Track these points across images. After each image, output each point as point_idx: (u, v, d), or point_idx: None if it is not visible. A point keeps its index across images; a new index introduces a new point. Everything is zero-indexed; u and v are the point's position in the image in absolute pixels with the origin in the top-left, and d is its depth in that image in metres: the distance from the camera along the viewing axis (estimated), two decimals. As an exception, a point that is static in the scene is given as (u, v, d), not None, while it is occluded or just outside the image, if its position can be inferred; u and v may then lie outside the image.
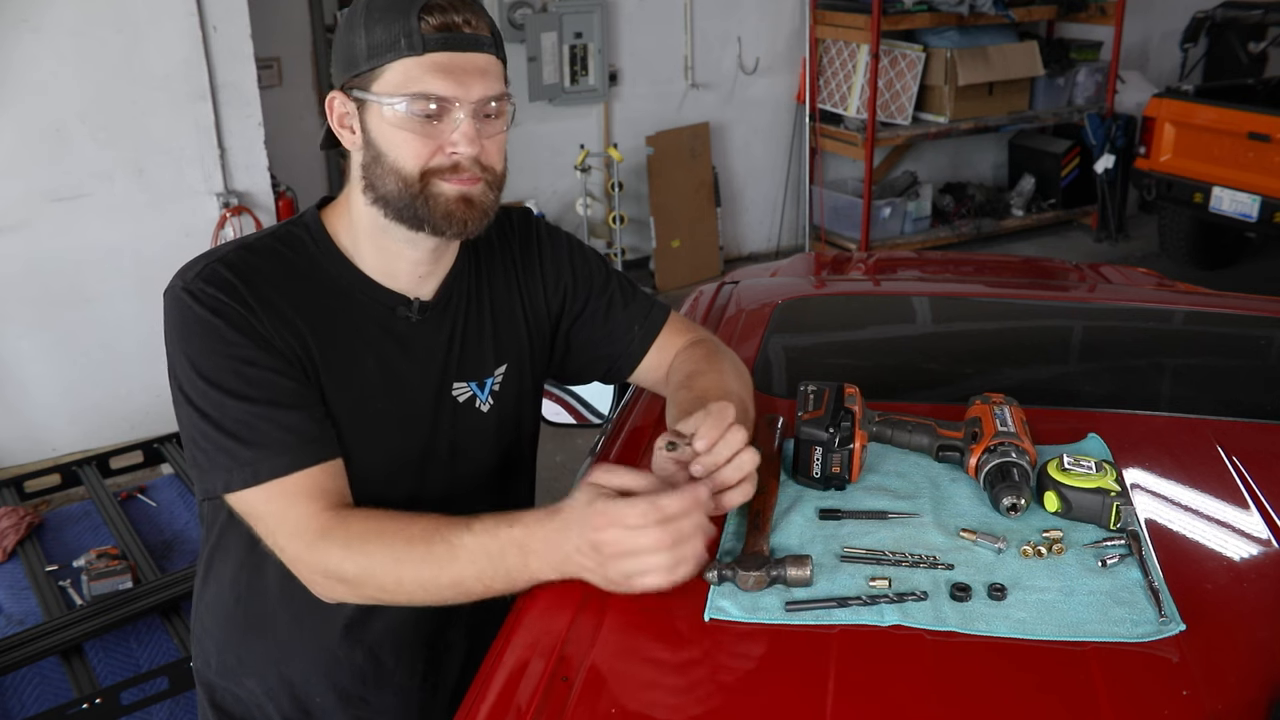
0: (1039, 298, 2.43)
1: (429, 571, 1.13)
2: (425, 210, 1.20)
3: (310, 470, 1.19)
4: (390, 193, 1.21)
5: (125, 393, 3.98)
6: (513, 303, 1.40)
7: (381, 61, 1.17)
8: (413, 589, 1.15)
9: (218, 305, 1.18)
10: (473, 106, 1.18)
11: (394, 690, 1.41)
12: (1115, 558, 1.17)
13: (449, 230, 1.22)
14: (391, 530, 1.15)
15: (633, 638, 1.11)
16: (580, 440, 2.17)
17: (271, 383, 1.19)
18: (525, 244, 1.42)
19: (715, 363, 1.41)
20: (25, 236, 3.75)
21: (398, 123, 1.18)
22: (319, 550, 1.16)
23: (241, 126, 4.02)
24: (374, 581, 1.16)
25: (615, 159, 5.57)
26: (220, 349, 1.18)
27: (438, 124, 1.18)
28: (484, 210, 1.23)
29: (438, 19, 1.16)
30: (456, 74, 1.17)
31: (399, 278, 1.29)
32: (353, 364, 1.27)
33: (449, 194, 1.20)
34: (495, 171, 1.23)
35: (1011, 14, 6.09)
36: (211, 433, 1.18)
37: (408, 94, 1.16)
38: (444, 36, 1.16)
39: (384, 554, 1.14)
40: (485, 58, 1.19)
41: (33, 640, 2.26)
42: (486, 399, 1.37)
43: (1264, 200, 5.37)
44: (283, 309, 1.22)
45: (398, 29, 1.16)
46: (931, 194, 6.62)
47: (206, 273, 1.21)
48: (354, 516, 1.18)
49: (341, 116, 1.24)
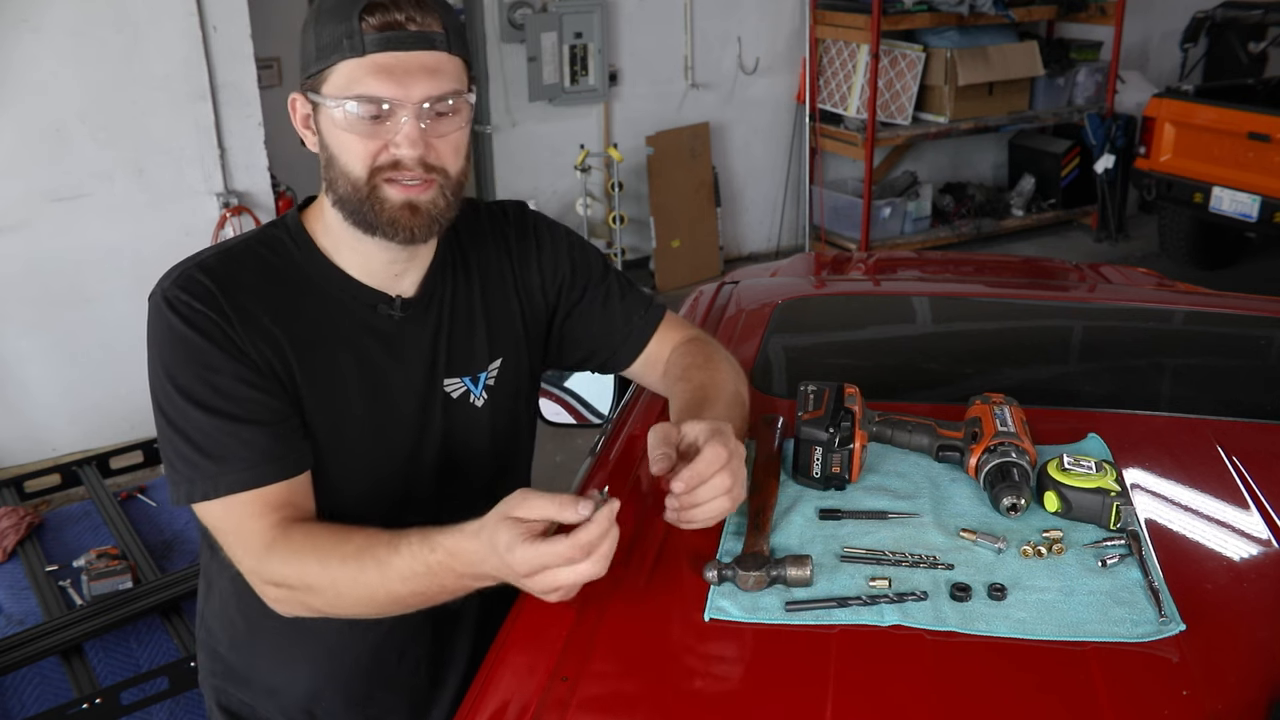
0: (1039, 298, 2.42)
1: (364, 589, 1.12)
2: (372, 214, 1.20)
3: (270, 487, 1.19)
4: (344, 194, 1.20)
5: (125, 393, 3.97)
6: (507, 295, 1.39)
7: (328, 63, 1.16)
8: (352, 604, 1.15)
9: (192, 314, 1.18)
10: (415, 106, 1.16)
11: (398, 689, 1.41)
12: (1115, 558, 1.17)
13: (396, 236, 1.21)
14: (327, 546, 1.14)
15: (633, 638, 1.11)
16: (580, 440, 2.17)
17: (240, 396, 1.18)
18: (521, 235, 1.41)
19: (712, 358, 1.42)
20: (25, 236, 3.75)
21: (343, 124, 1.17)
22: (266, 564, 1.17)
23: (241, 126, 4.02)
24: (317, 595, 1.16)
25: (615, 159, 5.57)
26: (192, 359, 1.18)
27: (381, 125, 1.16)
28: (432, 217, 1.21)
29: (379, 18, 1.14)
30: (398, 75, 1.15)
31: (377, 275, 1.28)
32: (334, 367, 1.26)
33: (394, 200, 1.19)
34: (448, 173, 1.21)
35: (1011, 14, 6.09)
36: (179, 443, 1.19)
37: (350, 95, 1.15)
38: (385, 36, 1.14)
39: (319, 570, 1.14)
40: (434, 55, 1.17)
41: (33, 640, 2.26)
42: (480, 394, 1.36)
43: (1264, 200, 5.37)
44: (259, 317, 1.21)
45: (341, 30, 1.15)
46: (931, 194, 6.62)
47: (183, 280, 1.20)
48: (296, 532, 1.17)
49: (304, 118, 1.24)
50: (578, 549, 1.01)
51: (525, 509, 1.04)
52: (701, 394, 1.34)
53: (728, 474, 1.13)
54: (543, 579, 1.04)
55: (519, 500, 1.04)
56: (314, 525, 1.19)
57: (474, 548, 1.07)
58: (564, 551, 1.02)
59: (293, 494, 1.20)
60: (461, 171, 1.24)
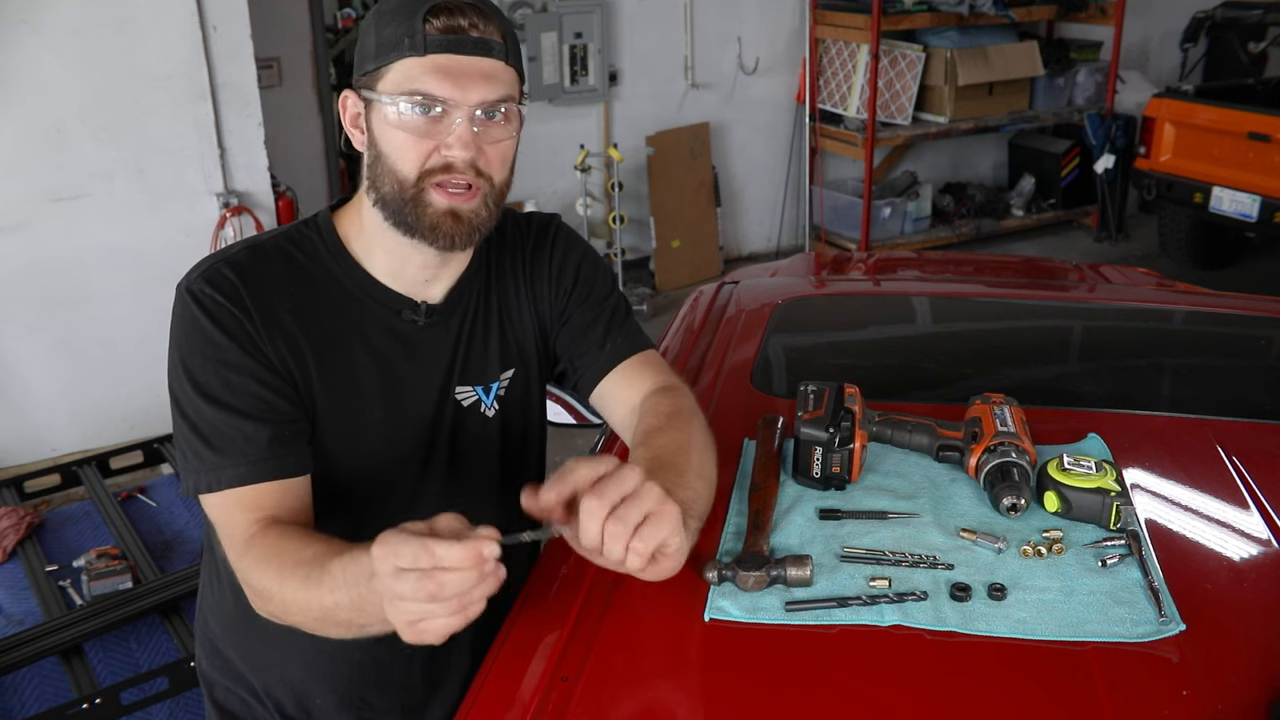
0: (1039, 298, 2.43)
1: (305, 596, 1.07)
2: (414, 217, 1.20)
3: (264, 486, 1.18)
4: (388, 194, 1.21)
5: (125, 393, 3.98)
6: (521, 307, 1.39)
7: (386, 61, 1.17)
8: (297, 614, 1.10)
9: (214, 307, 1.19)
10: (470, 109, 1.17)
11: (394, 690, 1.41)
12: (1115, 558, 1.17)
13: (435, 242, 1.21)
14: (289, 551, 1.12)
15: (633, 638, 1.11)
16: (580, 440, 2.17)
17: (250, 393, 1.19)
18: (538, 247, 1.40)
19: (681, 421, 1.28)
20: (25, 236, 3.75)
21: (397, 123, 1.18)
22: (240, 563, 1.17)
23: (241, 126, 4.02)
24: (270, 601, 1.13)
25: (615, 159, 5.57)
26: (208, 352, 1.18)
27: (435, 125, 1.17)
28: (474, 226, 1.21)
29: (443, 21, 1.16)
30: (455, 76, 1.16)
31: (407, 280, 1.29)
32: (353, 370, 1.26)
33: (438, 206, 1.19)
34: (494, 181, 1.21)
35: (1011, 14, 6.08)
36: (189, 434, 1.19)
37: (406, 93, 1.16)
38: (447, 38, 1.16)
39: (275, 576, 1.11)
40: (491, 62, 1.18)
41: (33, 640, 2.26)
42: (492, 404, 1.36)
43: (1264, 200, 5.37)
44: (281, 316, 1.22)
45: (403, 29, 1.16)
46: (931, 194, 6.61)
47: (210, 273, 1.21)
48: (271, 534, 1.15)
49: (354, 116, 1.24)
50: (426, 553, 0.92)
51: (415, 524, 0.97)
52: (658, 463, 1.18)
53: (593, 497, 1.01)
54: (388, 588, 0.94)
55: (445, 520, 0.98)
56: (288, 529, 1.16)
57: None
58: (413, 549, 0.92)
59: (286, 497, 1.20)
60: (505, 182, 1.24)
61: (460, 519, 0.98)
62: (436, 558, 0.92)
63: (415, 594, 0.92)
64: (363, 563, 0.99)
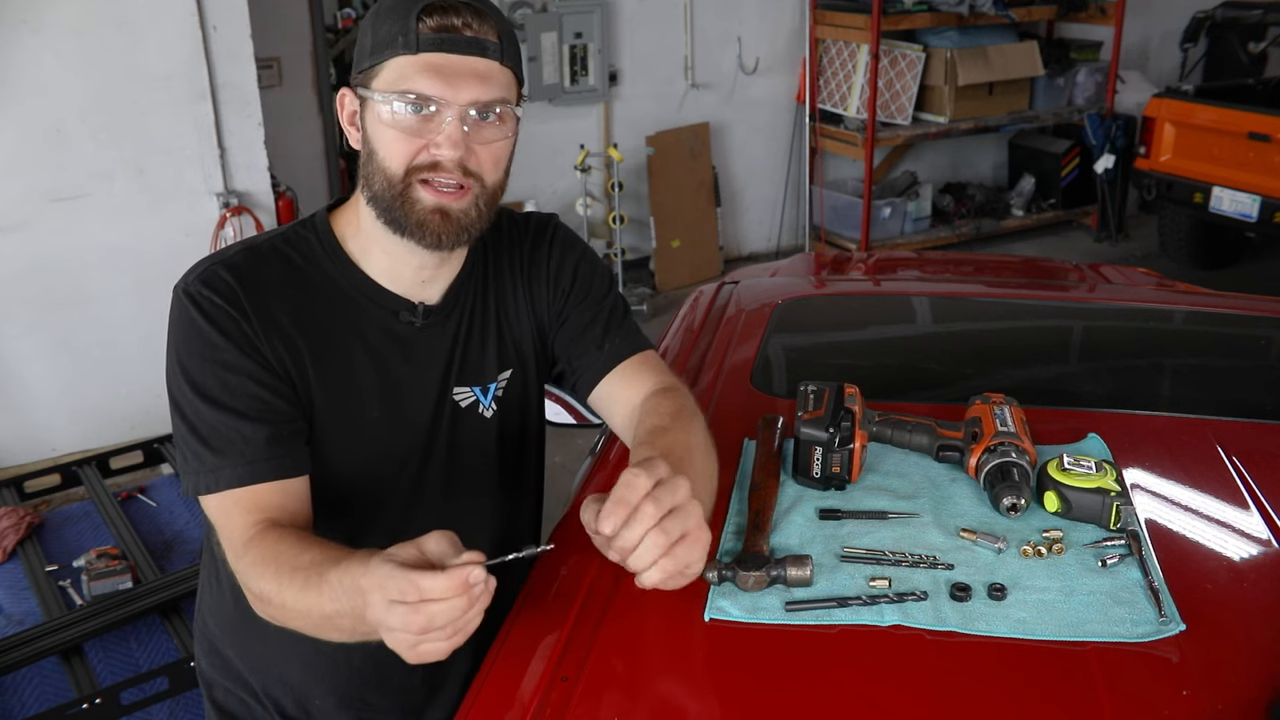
0: (1039, 298, 2.43)
1: (304, 602, 1.07)
2: (402, 214, 1.20)
3: (262, 486, 1.18)
4: (378, 191, 1.21)
5: (125, 393, 3.98)
6: (519, 307, 1.38)
7: (380, 59, 1.18)
8: (297, 619, 1.10)
9: (210, 309, 1.19)
10: (461, 109, 1.17)
11: (394, 691, 1.41)
12: (1115, 558, 1.17)
13: (423, 240, 1.21)
14: (286, 555, 1.11)
15: (633, 638, 1.11)
16: (580, 440, 2.17)
17: (247, 393, 1.19)
18: (535, 247, 1.40)
19: (684, 421, 1.28)
20: (25, 236, 3.75)
21: (389, 121, 1.18)
22: (239, 565, 1.17)
23: (241, 126, 4.02)
24: (273, 604, 1.12)
25: (615, 159, 5.56)
26: (206, 353, 1.19)
27: (426, 124, 1.17)
28: (463, 226, 1.21)
29: (437, 20, 1.16)
30: (447, 75, 1.16)
31: (404, 281, 1.29)
32: (349, 371, 1.26)
33: (426, 203, 1.19)
34: (485, 181, 1.21)
35: (1011, 14, 6.08)
36: (188, 435, 1.20)
37: (398, 91, 1.16)
38: (440, 37, 1.16)
39: (271, 578, 1.11)
40: (485, 62, 1.18)
41: (33, 640, 2.26)
42: (490, 404, 1.36)
43: (1264, 200, 5.37)
44: (278, 317, 1.22)
45: (397, 27, 1.16)
46: (931, 194, 6.61)
47: (207, 275, 1.21)
48: (270, 536, 1.15)
49: (351, 114, 1.25)
50: (413, 588, 0.93)
51: (402, 552, 0.97)
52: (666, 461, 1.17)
53: (647, 508, 1.02)
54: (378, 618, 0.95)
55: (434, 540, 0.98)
56: (286, 532, 1.15)
57: (362, 569, 0.99)
58: (400, 585, 0.93)
59: (284, 497, 1.20)
60: (498, 184, 1.24)
61: (450, 537, 0.99)
62: (423, 590, 0.93)
63: (406, 627, 0.94)
64: (357, 575, 0.99)
